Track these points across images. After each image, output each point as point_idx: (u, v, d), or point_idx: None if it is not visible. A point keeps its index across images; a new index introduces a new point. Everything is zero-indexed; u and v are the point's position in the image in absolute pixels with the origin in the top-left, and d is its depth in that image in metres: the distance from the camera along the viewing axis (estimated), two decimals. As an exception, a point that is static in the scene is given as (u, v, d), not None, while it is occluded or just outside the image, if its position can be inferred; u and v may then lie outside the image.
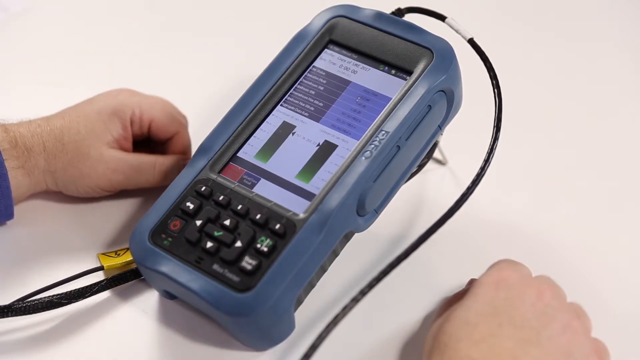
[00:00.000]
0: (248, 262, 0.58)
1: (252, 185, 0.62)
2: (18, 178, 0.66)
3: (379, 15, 0.68)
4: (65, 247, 0.69)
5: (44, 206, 0.71)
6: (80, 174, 0.68)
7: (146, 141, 0.74)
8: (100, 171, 0.68)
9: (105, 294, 0.65)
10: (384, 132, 0.61)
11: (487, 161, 0.61)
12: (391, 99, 0.64)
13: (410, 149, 0.63)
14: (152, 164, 0.70)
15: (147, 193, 0.73)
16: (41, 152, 0.67)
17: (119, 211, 0.72)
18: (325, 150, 0.63)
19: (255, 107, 0.65)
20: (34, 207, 0.71)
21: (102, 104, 0.70)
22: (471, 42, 0.67)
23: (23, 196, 0.69)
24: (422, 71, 0.63)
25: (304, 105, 0.66)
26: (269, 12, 0.96)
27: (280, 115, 0.66)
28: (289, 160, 0.63)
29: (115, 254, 0.67)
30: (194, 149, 0.67)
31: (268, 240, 0.59)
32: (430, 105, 0.63)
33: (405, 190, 0.70)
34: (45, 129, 0.68)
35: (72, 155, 0.68)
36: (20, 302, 0.62)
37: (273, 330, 0.60)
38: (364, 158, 0.60)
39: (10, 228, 0.70)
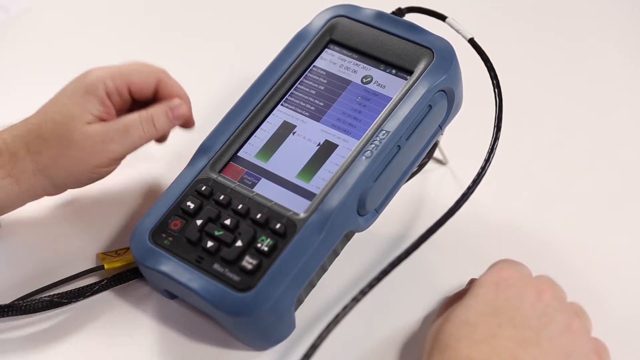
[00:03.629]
0: (248, 262, 0.58)
1: (253, 185, 0.62)
2: (7, 187, 0.64)
3: (380, 15, 0.68)
4: (65, 247, 0.69)
5: (44, 206, 0.71)
6: (72, 160, 0.65)
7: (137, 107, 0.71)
8: (89, 149, 0.65)
9: (105, 294, 0.65)
10: (384, 131, 0.61)
11: (487, 161, 0.62)
12: (392, 98, 0.64)
13: (411, 148, 0.63)
14: (136, 119, 0.67)
15: (147, 193, 0.73)
16: (26, 154, 0.64)
17: (119, 211, 0.72)
18: (326, 149, 0.63)
19: (256, 106, 0.66)
20: (34, 207, 0.71)
21: (73, 87, 0.67)
22: (471, 42, 0.67)
23: (15, 205, 0.67)
24: (423, 71, 0.63)
25: (304, 104, 0.66)
26: (269, 12, 0.96)
27: (280, 114, 0.66)
28: (289, 160, 0.63)
29: (116, 254, 0.67)
30: (194, 148, 0.67)
31: (268, 240, 0.59)
32: (430, 105, 0.63)
33: (406, 190, 0.70)
34: (24, 129, 0.65)
35: (57, 146, 0.64)
36: (21, 302, 0.62)
37: (273, 330, 0.60)
38: (364, 158, 0.60)
39: (11, 228, 0.70)
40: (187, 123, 0.70)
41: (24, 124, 0.66)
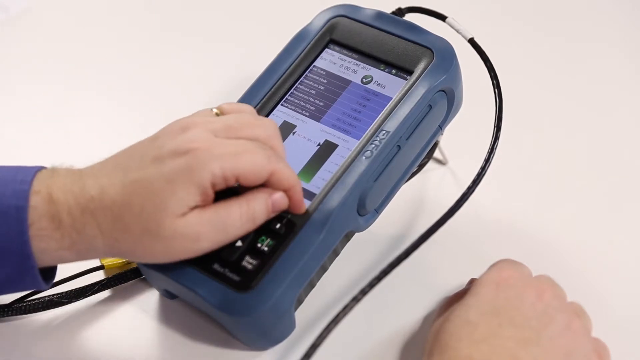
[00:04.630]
0: (249, 262, 0.58)
1: (253, 185, 0.62)
2: (65, 257, 0.56)
3: (380, 15, 0.68)
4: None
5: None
6: (153, 252, 0.55)
7: None
8: (177, 246, 0.55)
9: (105, 293, 0.65)
10: (384, 131, 0.61)
11: (487, 161, 0.61)
12: (392, 98, 0.64)
13: (411, 148, 0.63)
14: (236, 217, 0.56)
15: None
16: (96, 235, 0.54)
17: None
18: (326, 149, 0.63)
19: (256, 106, 0.65)
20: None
21: (170, 168, 0.54)
22: (472, 42, 0.67)
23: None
24: (423, 71, 0.63)
25: (304, 104, 0.66)
26: (269, 12, 0.96)
27: (280, 114, 0.66)
28: (289, 160, 0.62)
29: (116, 254, 0.67)
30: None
31: (269, 240, 0.58)
32: (430, 105, 0.63)
33: (406, 190, 0.70)
34: (98, 206, 0.54)
35: (139, 236, 0.54)
36: (20, 302, 0.62)
37: (273, 330, 0.60)
38: (364, 158, 0.60)
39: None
40: (295, 209, 0.59)
41: (99, 197, 0.54)
